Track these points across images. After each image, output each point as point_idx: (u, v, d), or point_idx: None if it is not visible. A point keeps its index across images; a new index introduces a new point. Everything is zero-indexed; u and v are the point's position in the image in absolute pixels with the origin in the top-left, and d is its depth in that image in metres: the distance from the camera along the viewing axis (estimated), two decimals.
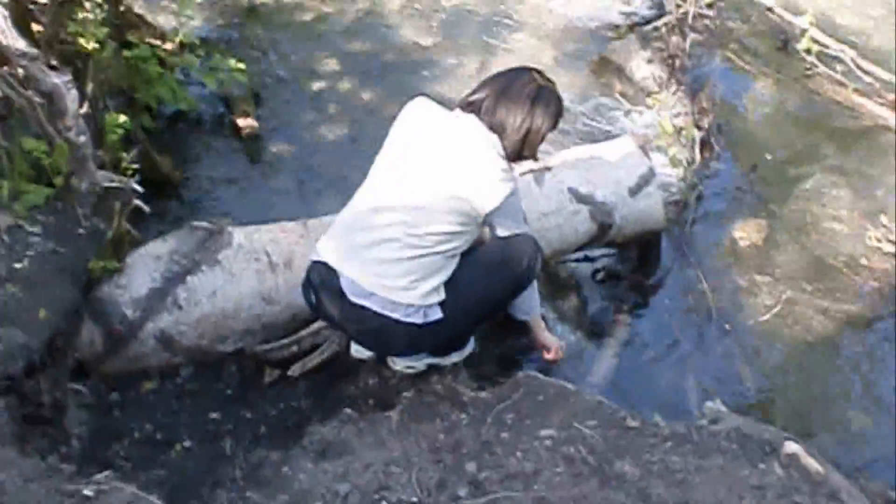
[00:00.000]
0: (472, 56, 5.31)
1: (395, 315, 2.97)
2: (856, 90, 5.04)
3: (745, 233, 4.34)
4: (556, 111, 3.08)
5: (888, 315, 4.04)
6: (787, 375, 3.83)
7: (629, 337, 3.86)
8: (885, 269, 4.18)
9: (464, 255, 3.08)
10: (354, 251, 3.00)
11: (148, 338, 3.26)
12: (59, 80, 2.93)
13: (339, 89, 5.03)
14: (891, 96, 4.98)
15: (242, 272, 3.36)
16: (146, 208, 3.40)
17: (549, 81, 3.11)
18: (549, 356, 3.37)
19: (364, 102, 4.97)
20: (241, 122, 4.60)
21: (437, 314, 3.00)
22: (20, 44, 2.82)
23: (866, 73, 5.10)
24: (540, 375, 3.22)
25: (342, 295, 3.00)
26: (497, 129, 2.99)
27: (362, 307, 2.98)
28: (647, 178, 3.87)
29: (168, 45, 4.38)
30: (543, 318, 3.42)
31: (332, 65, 5.17)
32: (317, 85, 5.04)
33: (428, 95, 3.18)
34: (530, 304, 3.23)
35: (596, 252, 4.07)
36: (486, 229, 3.10)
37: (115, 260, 3.22)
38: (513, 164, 3.09)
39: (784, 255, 4.27)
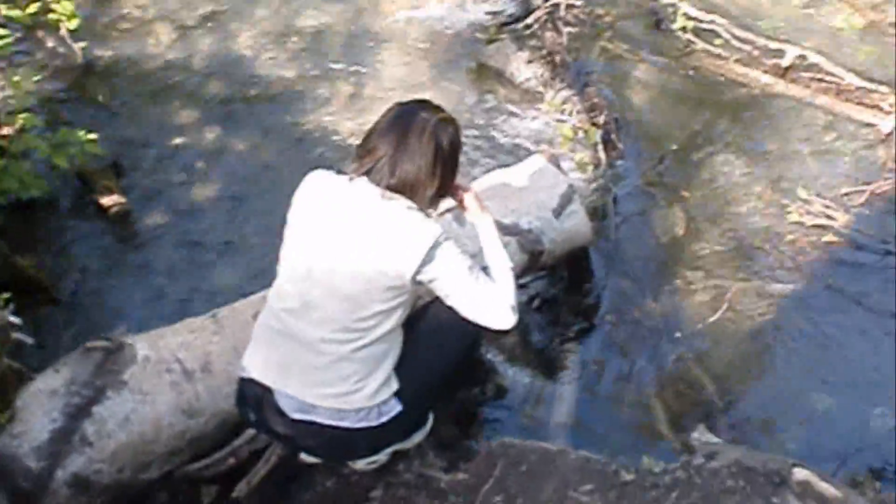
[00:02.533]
0: (341, 81, 4.94)
1: (345, 423, 2.61)
2: (737, 61, 4.95)
3: (667, 228, 4.18)
4: (458, 134, 2.71)
5: (822, 289, 3.95)
6: (744, 372, 3.69)
7: (581, 365, 3.62)
8: (812, 243, 4.09)
9: (407, 330, 2.74)
10: (284, 362, 2.64)
11: (60, 487, 2.77)
12: None
13: (204, 142, 4.57)
14: (772, 62, 4.92)
15: (155, 388, 2.92)
16: (29, 340, 2.90)
17: (438, 109, 2.71)
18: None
19: (236, 151, 4.53)
20: (104, 200, 4.09)
21: (396, 408, 2.65)
22: None
23: (743, 41, 5.01)
24: (516, 441, 2.93)
25: (282, 413, 2.64)
26: (405, 187, 2.59)
27: (308, 422, 2.62)
28: (568, 197, 3.64)
29: (6, 130, 3.82)
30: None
31: (191, 116, 4.69)
32: (179, 141, 4.55)
33: (319, 165, 2.78)
34: (509, 277, 2.71)
35: (526, 278, 3.80)
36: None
37: (2, 409, 2.72)
38: (431, 211, 2.74)
39: (709, 245, 4.13)
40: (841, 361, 3.72)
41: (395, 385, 2.66)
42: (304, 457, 2.93)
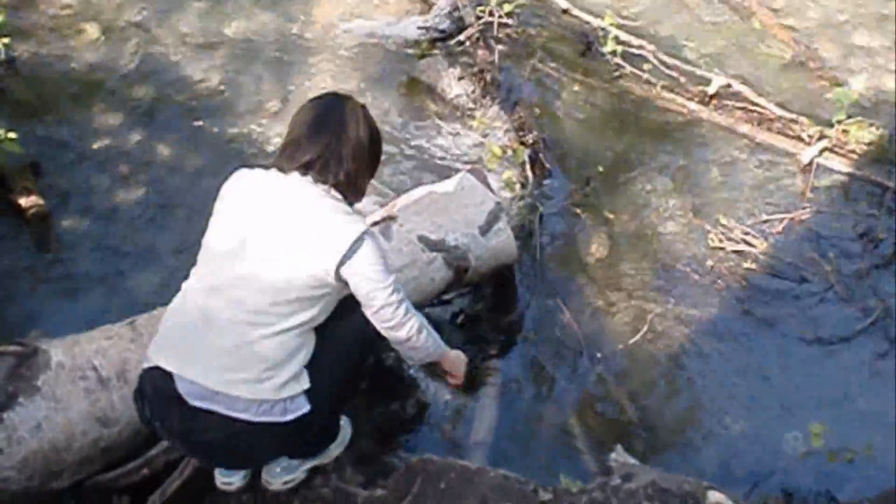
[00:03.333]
0: (270, 90, 4.88)
1: (245, 416, 2.50)
2: (664, 86, 5.04)
3: (591, 249, 4.23)
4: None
5: (740, 314, 4.04)
6: (662, 394, 3.75)
7: (503, 382, 3.64)
8: (731, 268, 4.18)
9: (320, 331, 2.69)
10: (190, 344, 2.54)
11: None
12: None
13: (129, 145, 4.48)
14: (698, 89, 5.02)
15: (69, 395, 2.85)
16: None
17: (349, 98, 2.72)
18: (454, 381, 2.96)
19: (160, 156, 4.45)
20: (23, 201, 3.99)
21: (303, 407, 2.56)
22: None
23: (670, 67, 5.11)
24: (435, 458, 2.92)
25: (181, 401, 2.52)
26: (348, 178, 2.60)
27: (206, 412, 2.51)
28: (496, 214, 3.67)
29: None
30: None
31: (116, 118, 4.60)
32: (103, 143, 4.46)
33: (244, 161, 2.78)
34: (428, 344, 2.77)
35: (451, 294, 3.81)
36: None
37: None
38: (360, 208, 2.76)
39: (632, 267, 4.19)
40: (756, 385, 3.80)
41: (305, 383, 2.57)
42: (220, 485, 2.85)
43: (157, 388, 2.57)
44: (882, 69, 5.31)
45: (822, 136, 4.73)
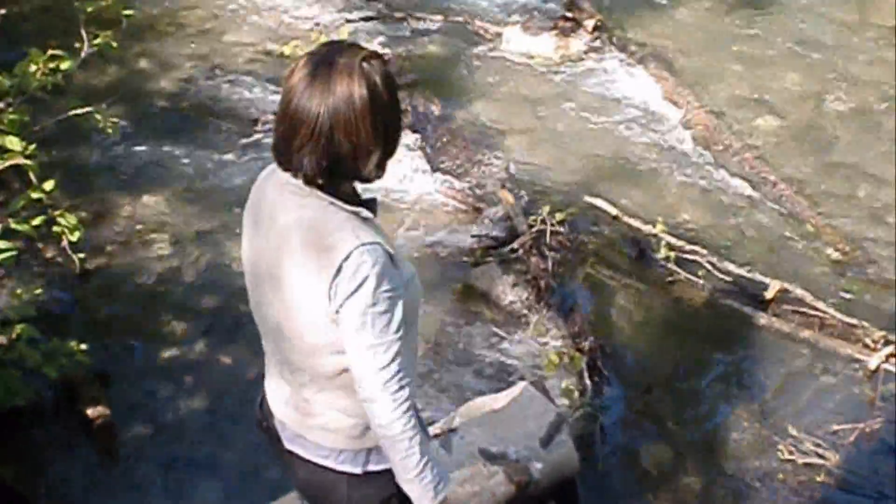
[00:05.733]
0: None
1: (328, 462, 2.31)
2: (720, 291, 5.05)
3: (655, 461, 4.14)
4: (389, 68, 2.15)
5: None
6: None
7: None
8: (804, 482, 4.03)
9: None
10: (275, 387, 2.41)
11: None
12: None
13: (193, 355, 4.57)
14: (754, 293, 5.02)
15: None
16: None
17: (358, 46, 2.16)
18: None
19: (223, 367, 4.52)
20: (90, 411, 4.06)
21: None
22: None
23: (724, 273, 5.13)
24: None
25: (278, 438, 2.43)
26: (346, 158, 2.07)
27: (293, 453, 2.39)
28: (557, 426, 3.64)
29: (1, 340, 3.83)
30: None
31: (181, 328, 4.71)
32: (168, 353, 4.56)
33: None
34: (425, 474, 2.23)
35: None
36: None
37: None
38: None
39: (698, 479, 4.07)
40: None
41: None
42: None
43: (265, 419, 2.48)
44: None
45: (886, 342, 4.65)
